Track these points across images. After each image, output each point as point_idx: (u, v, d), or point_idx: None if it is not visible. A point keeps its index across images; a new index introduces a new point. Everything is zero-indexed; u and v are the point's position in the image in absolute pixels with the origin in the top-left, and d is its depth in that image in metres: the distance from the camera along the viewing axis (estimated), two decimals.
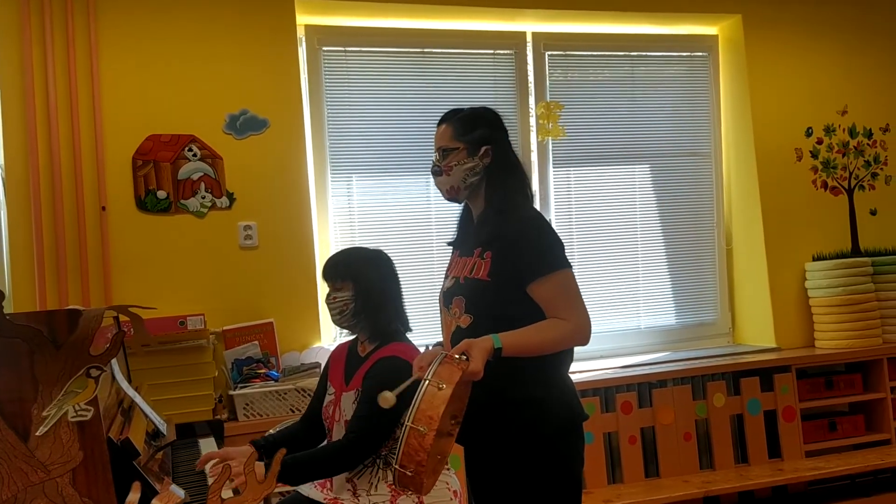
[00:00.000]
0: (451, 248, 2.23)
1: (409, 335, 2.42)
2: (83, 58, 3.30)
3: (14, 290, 3.18)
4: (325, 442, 2.45)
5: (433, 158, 2.15)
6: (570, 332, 1.96)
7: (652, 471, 3.80)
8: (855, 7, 4.46)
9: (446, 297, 2.12)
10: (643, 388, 3.82)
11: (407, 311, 2.46)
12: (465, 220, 2.22)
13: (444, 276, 2.19)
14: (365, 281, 2.35)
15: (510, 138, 2.19)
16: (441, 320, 2.16)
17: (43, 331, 1.41)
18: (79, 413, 1.42)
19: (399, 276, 2.45)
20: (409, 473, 1.65)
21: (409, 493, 2.00)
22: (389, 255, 2.46)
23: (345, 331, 2.46)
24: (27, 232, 3.21)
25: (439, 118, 2.18)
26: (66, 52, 3.27)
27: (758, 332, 4.34)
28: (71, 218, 3.26)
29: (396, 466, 1.66)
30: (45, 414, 1.41)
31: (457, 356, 1.77)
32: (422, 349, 2.39)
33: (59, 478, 1.41)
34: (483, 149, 2.09)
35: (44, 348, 1.42)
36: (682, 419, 3.81)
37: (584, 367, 3.82)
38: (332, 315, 2.39)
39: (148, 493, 1.53)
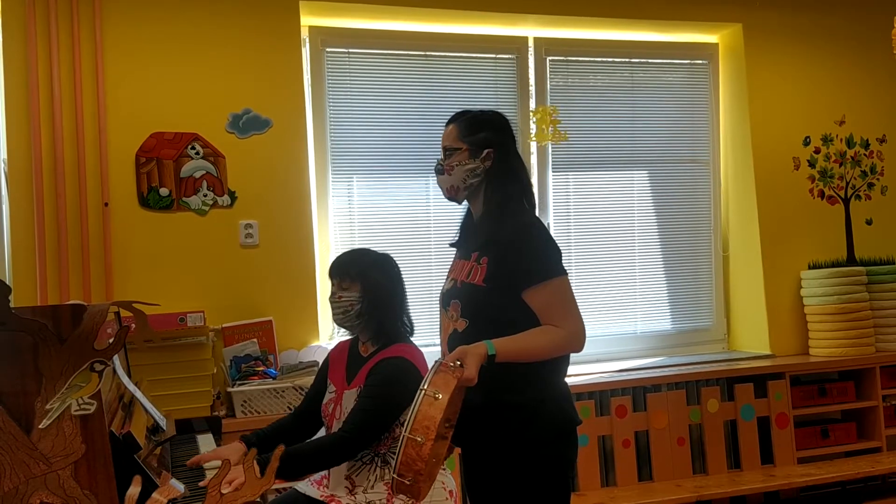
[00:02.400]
0: (453, 248, 2.24)
1: (411, 338, 2.44)
2: (88, 55, 3.32)
3: (15, 284, 3.19)
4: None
5: (439, 157, 2.16)
6: (563, 339, 1.98)
7: (645, 474, 3.82)
8: (854, 19, 4.48)
9: (444, 299, 2.14)
10: (638, 393, 3.84)
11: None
12: (466, 222, 2.22)
13: (445, 276, 2.20)
14: (372, 284, 2.36)
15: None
16: (440, 321, 2.17)
17: (48, 325, 1.42)
18: (82, 407, 1.44)
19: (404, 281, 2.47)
20: (408, 482, 1.67)
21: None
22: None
23: (342, 330, 2.46)
24: (29, 226, 3.22)
25: (445, 119, 2.19)
26: (72, 49, 3.29)
27: (753, 339, 4.36)
28: (73, 213, 3.27)
29: (395, 475, 1.67)
30: (48, 407, 1.42)
31: (451, 364, 1.79)
32: (424, 350, 2.42)
33: (61, 470, 1.42)
34: (485, 152, 2.09)
35: (48, 342, 1.42)
36: (675, 424, 3.84)
37: (580, 371, 3.84)
38: (334, 313, 2.39)
39: (148, 487, 1.55)
